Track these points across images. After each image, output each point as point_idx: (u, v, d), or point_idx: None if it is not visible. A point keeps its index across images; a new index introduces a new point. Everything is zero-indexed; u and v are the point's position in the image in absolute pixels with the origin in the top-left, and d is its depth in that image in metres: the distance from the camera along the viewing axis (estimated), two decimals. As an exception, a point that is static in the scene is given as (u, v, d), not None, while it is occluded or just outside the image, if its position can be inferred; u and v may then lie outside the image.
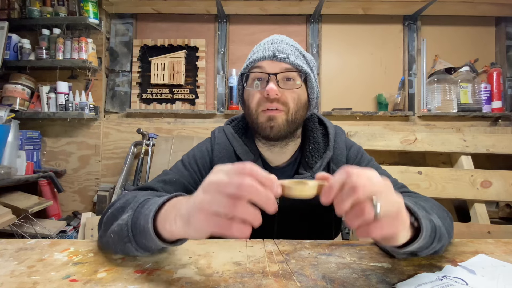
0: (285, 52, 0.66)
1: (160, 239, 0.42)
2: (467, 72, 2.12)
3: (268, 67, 0.66)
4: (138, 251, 0.46)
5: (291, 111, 0.66)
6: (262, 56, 0.66)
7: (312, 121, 0.77)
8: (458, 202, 1.78)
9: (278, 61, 0.65)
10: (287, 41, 0.70)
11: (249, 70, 0.69)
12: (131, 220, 0.45)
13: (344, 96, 2.22)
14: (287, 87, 0.66)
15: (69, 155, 2.17)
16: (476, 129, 2.13)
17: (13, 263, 0.47)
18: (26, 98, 2.05)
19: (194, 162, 0.74)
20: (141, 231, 0.43)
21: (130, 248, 0.46)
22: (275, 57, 0.65)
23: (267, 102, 0.65)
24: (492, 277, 0.43)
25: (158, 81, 2.16)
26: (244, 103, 0.73)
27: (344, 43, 2.25)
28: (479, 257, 0.50)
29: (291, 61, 0.66)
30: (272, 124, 0.66)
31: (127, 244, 0.45)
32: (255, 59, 0.67)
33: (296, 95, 0.67)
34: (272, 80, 0.65)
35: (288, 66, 0.66)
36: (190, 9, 2.17)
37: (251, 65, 0.68)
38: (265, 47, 0.68)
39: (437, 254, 0.50)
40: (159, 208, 0.44)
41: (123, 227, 0.46)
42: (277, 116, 0.65)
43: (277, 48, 0.66)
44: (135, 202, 0.48)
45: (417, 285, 0.40)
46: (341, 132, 0.79)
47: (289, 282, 0.42)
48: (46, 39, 2.05)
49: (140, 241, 0.44)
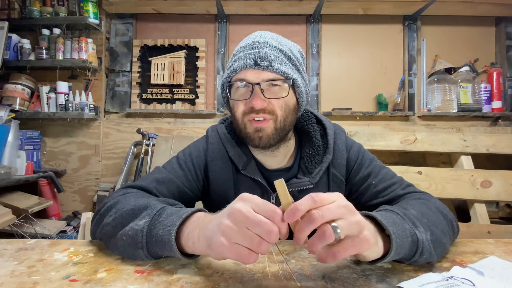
0: (268, 58, 0.61)
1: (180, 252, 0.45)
2: (467, 72, 2.12)
3: (250, 76, 0.62)
4: (148, 258, 0.47)
5: (279, 118, 0.64)
6: (243, 65, 0.62)
7: (310, 122, 0.74)
8: (458, 202, 1.78)
9: (261, 70, 0.61)
10: (269, 42, 0.63)
11: (231, 79, 0.65)
12: (147, 227, 0.46)
13: (344, 96, 2.22)
14: (272, 96, 0.62)
15: (69, 155, 2.17)
16: (476, 129, 2.13)
17: (13, 263, 0.47)
18: (26, 98, 2.05)
19: (190, 161, 0.72)
20: (158, 241, 0.45)
21: (139, 254, 0.46)
22: (257, 65, 0.61)
23: (253, 112, 0.62)
24: (501, 279, 0.42)
25: (158, 81, 2.16)
26: (231, 110, 0.70)
27: (344, 43, 2.25)
28: (489, 259, 0.50)
29: (274, 68, 0.61)
30: (261, 134, 0.63)
31: (138, 250, 0.46)
32: (236, 68, 0.63)
33: (283, 101, 0.64)
34: (256, 90, 0.61)
35: (272, 75, 0.62)
36: (190, 9, 2.17)
37: (232, 74, 0.65)
38: (246, 54, 0.63)
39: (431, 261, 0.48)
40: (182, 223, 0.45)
41: (138, 233, 0.46)
42: (264, 127, 0.63)
43: (259, 54, 0.61)
44: (151, 209, 0.49)
45: (421, 284, 0.40)
46: (341, 132, 0.75)
47: (289, 282, 0.42)
48: (46, 39, 2.05)
49: (152, 250, 0.46)
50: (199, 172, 0.72)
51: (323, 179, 0.70)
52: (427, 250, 0.46)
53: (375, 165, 0.72)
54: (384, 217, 0.45)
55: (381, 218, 0.44)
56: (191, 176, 0.71)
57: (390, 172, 0.72)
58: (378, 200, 0.67)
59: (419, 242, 0.45)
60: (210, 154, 0.73)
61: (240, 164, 0.70)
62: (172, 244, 0.43)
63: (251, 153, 0.72)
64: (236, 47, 0.69)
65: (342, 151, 0.72)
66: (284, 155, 0.73)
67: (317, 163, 0.70)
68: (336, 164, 0.71)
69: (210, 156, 0.72)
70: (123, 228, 0.49)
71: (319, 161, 0.70)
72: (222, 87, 0.70)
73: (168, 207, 0.50)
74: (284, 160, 0.73)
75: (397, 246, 0.43)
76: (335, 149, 0.71)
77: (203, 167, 0.73)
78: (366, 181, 0.70)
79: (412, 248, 0.45)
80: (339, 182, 0.72)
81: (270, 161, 0.72)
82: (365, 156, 0.74)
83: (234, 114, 0.67)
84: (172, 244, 0.43)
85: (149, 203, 0.52)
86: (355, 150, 0.74)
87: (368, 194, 0.69)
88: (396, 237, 0.43)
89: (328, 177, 0.71)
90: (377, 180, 0.69)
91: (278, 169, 0.73)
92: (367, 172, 0.71)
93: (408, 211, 0.51)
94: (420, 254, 0.45)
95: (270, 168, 0.73)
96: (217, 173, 0.72)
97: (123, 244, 0.48)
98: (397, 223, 0.45)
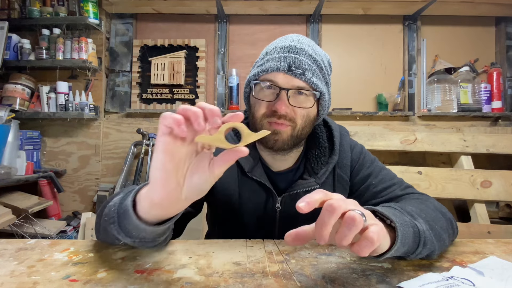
0: (302, 66, 0.60)
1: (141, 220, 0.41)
2: (467, 72, 2.12)
3: (281, 80, 0.61)
4: (119, 234, 0.43)
5: (298, 127, 0.63)
6: (276, 67, 0.61)
7: (317, 124, 0.74)
8: (458, 202, 1.78)
9: (293, 76, 0.60)
10: (306, 49, 0.62)
11: (259, 78, 0.64)
12: (119, 201, 0.44)
13: (344, 96, 2.22)
14: (297, 104, 0.61)
15: (69, 155, 2.17)
16: (476, 129, 2.13)
17: (13, 263, 0.47)
18: (26, 98, 2.05)
19: None
20: (124, 212, 0.42)
21: (111, 230, 0.44)
22: (290, 71, 0.60)
23: (274, 116, 0.61)
24: (501, 278, 0.42)
25: (158, 81, 2.16)
26: (250, 107, 0.69)
27: (344, 43, 2.25)
28: (489, 259, 0.50)
29: (307, 78, 0.60)
30: (277, 138, 0.62)
31: (110, 225, 0.44)
32: (268, 68, 0.62)
33: (305, 112, 0.63)
34: (283, 95, 0.60)
35: (302, 83, 0.61)
36: (190, 9, 2.17)
37: (262, 73, 0.63)
38: (281, 57, 0.61)
39: (432, 257, 0.49)
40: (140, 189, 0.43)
41: (111, 208, 0.45)
42: (282, 131, 0.62)
43: (294, 60, 0.60)
44: (129, 189, 0.48)
45: (421, 284, 0.40)
46: (346, 134, 0.76)
47: (289, 282, 0.42)
48: (46, 39, 2.05)
49: (122, 223, 0.43)
50: None
51: (328, 180, 0.71)
52: (430, 240, 0.46)
53: (375, 166, 0.73)
54: (384, 210, 0.45)
55: (382, 210, 0.45)
56: None
57: (391, 173, 0.72)
58: (377, 200, 0.68)
59: (421, 232, 0.45)
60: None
61: (247, 166, 0.69)
62: (128, 208, 0.41)
63: (258, 155, 0.72)
64: (270, 45, 0.67)
65: (347, 152, 0.72)
66: (294, 158, 0.72)
67: (323, 164, 0.70)
68: (341, 165, 0.72)
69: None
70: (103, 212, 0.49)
71: (325, 162, 0.70)
72: (247, 83, 0.68)
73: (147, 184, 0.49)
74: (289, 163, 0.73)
75: (402, 235, 0.42)
76: (341, 150, 0.72)
77: None
78: (366, 181, 0.71)
79: (415, 240, 0.44)
80: (344, 182, 0.72)
81: (279, 164, 0.72)
82: (366, 157, 0.74)
83: (254, 113, 0.65)
84: (128, 209, 0.41)
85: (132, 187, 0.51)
86: (357, 151, 0.75)
87: (368, 194, 0.70)
88: (400, 226, 0.42)
89: (334, 178, 0.71)
90: (377, 180, 0.70)
91: (284, 170, 0.72)
92: (368, 172, 0.71)
93: (406, 207, 0.51)
94: (424, 244, 0.45)
95: (276, 171, 0.72)
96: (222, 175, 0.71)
97: (104, 225, 0.47)
98: (397, 215, 0.45)
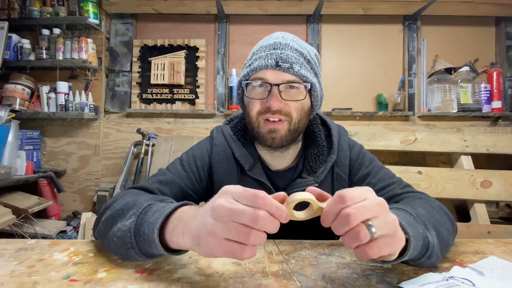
0: (289, 60, 0.62)
1: (165, 248, 0.43)
2: (467, 72, 2.12)
3: (270, 77, 0.62)
4: (141, 257, 0.46)
5: (294, 120, 0.64)
6: (264, 64, 0.62)
7: (315, 123, 0.75)
8: (458, 202, 1.78)
9: (281, 71, 0.62)
10: (290, 44, 0.64)
11: (250, 77, 0.65)
12: (134, 226, 0.45)
13: (344, 96, 2.22)
14: (290, 98, 0.63)
15: (69, 155, 2.17)
16: (476, 129, 2.13)
17: (13, 263, 0.47)
18: (26, 98, 2.05)
19: (193, 163, 0.72)
20: (145, 240, 0.44)
21: (132, 254, 0.46)
22: (278, 66, 0.62)
23: (269, 112, 0.63)
24: (501, 278, 0.42)
25: (158, 81, 2.16)
26: (244, 108, 0.70)
27: (344, 43, 2.25)
28: (489, 259, 0.50)
29: (295, 71, 0.62)
30: (274, 135, 0.64)
31: (129, 250, 0.45)
32: (256, 67, 0.63)
33: (299, 104, 0.64)
34: (274, 91, 0.62)
35: (291, 77, 0.62)
36: (190, 9, 2.17)
37: (252, 73, 0.65)
38: (267, 54, 0.63)
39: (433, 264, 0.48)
40: (165, 219, 0.44)
41: (126, 233, 0.45)
42: (279, 128, 0.63)
43: (280, 55, 0.62)
44: (138, 207, 0.48)
45: (421, 284, 0.40)
46: (344, 133, 0.77)
47: (289, 282, 0.42)
48: (46, 39, 2.05)
49: (143, 248, 0.45)
50: (202, 174, 0.72)
51: (327, 179, 0.71)
52: (435, 254, 0.46)
53: (374, 165, 0.73)
54: (402, 218, 0.44)
55: (400, 219, 0.43)
56: (194, 178, 0.71)
57: (390, 173, 0.72)
58: None
59: (430, 245, 0.44)
60: (215, 156, 0.72)
61: (246, 165, 0.70)
62: (156, 242, 0.42)
63: (257, 154, 0.73)
64: (256, 45, 0.69)
65: (345, 151, 0.73)
66: (292, 155, 0.73)
67: (322, 163, 0.70)
68: (340, 163, 0.72)
69: (215, 158, 0.72)
70: (112, 228, 0.49)
71: (324, 160, 0.71)
72: (239, 84, 0.69)
73: (155, 204, 0.49)
74: (288, 161, 0.73)
75: (413, 248, 0.42)
76: (339, 149, 0.72)
77: (207, 168, 0.73)
78: (365, 180, 0.71)
79: (422, 251, 0.44)
80: (343, 181, 0.72)
81: (278, 162, 0.72)
82: (365, 156, 0.75)
83: (249, 112, 0.66)
84: (156, 243, 0.42)
85: (136, 201, 0.51)
86: (356, 151, 0.75)
87: None
88: (413, 240, 0.42)
89: (332, 177, 0.72)
90: (376, 179, 0.70)
91: (283, 169, 0.73)
92: (367, 171, 0.72)
93: (417, 211, 0.50)
94: (428, 257, 0.45)
95: (275, 170, 0.73)
96: (222, 174, 0.72)
97: (114, 245, 0.48)
98: (413, 225, 0.44)
